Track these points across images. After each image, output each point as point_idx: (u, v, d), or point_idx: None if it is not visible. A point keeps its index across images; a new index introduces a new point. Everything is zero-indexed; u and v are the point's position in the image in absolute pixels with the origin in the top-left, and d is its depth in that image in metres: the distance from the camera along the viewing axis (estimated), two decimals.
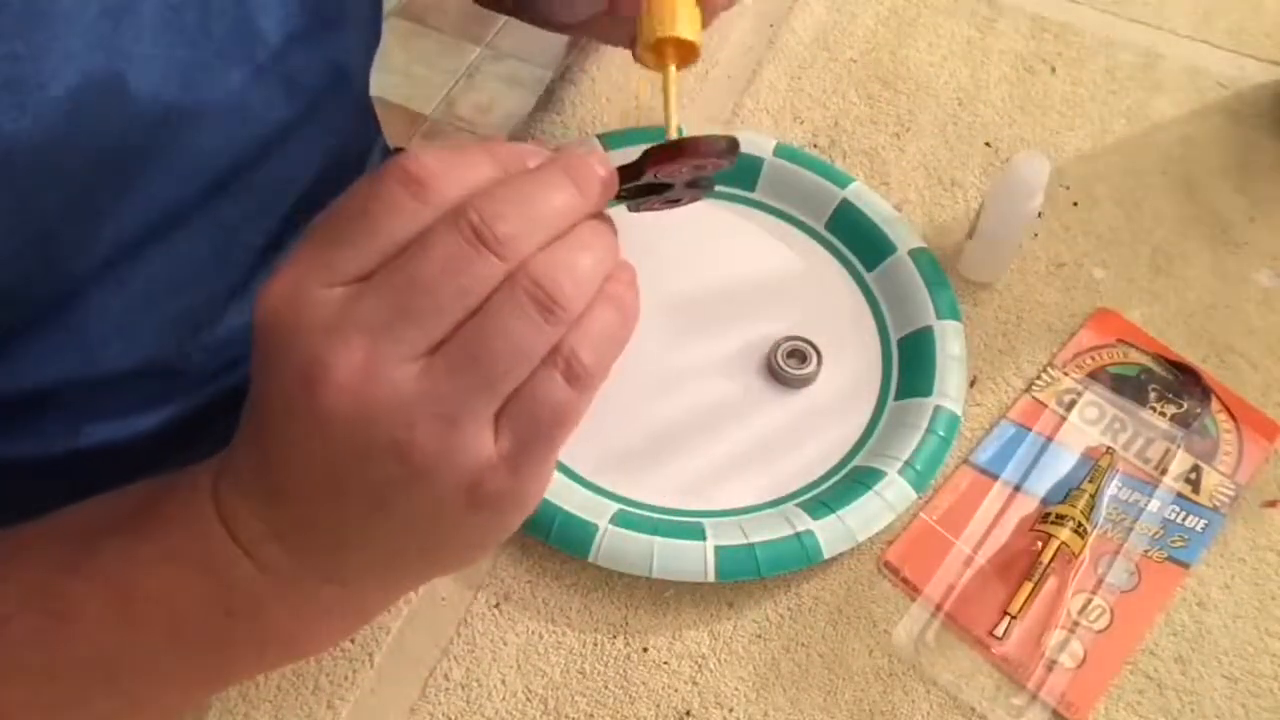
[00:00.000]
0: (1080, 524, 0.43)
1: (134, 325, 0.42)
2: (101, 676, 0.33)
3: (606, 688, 0.40)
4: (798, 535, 0.41)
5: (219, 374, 0.48)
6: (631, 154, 0.52)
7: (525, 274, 0.27)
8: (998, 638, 0.41)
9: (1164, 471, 0.45)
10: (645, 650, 0.41)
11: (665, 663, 0.41)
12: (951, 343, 0.47)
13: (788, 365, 0.47)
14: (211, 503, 0.31)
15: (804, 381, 0.47)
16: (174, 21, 0.36)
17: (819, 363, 0.47)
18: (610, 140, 0.52)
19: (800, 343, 0.47)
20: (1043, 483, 0.44)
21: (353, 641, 0.41)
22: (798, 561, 0.41)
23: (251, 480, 0.31)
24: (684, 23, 0.39)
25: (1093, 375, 0.47)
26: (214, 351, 0.47)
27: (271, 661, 0.37)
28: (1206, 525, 0.44)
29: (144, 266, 0.40)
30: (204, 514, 0.31)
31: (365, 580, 0.33)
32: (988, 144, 0.55)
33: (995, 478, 0.45)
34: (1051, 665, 0.40)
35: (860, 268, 0.50)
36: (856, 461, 0.45)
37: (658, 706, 0.40)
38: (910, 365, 0.47)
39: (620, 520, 0.41)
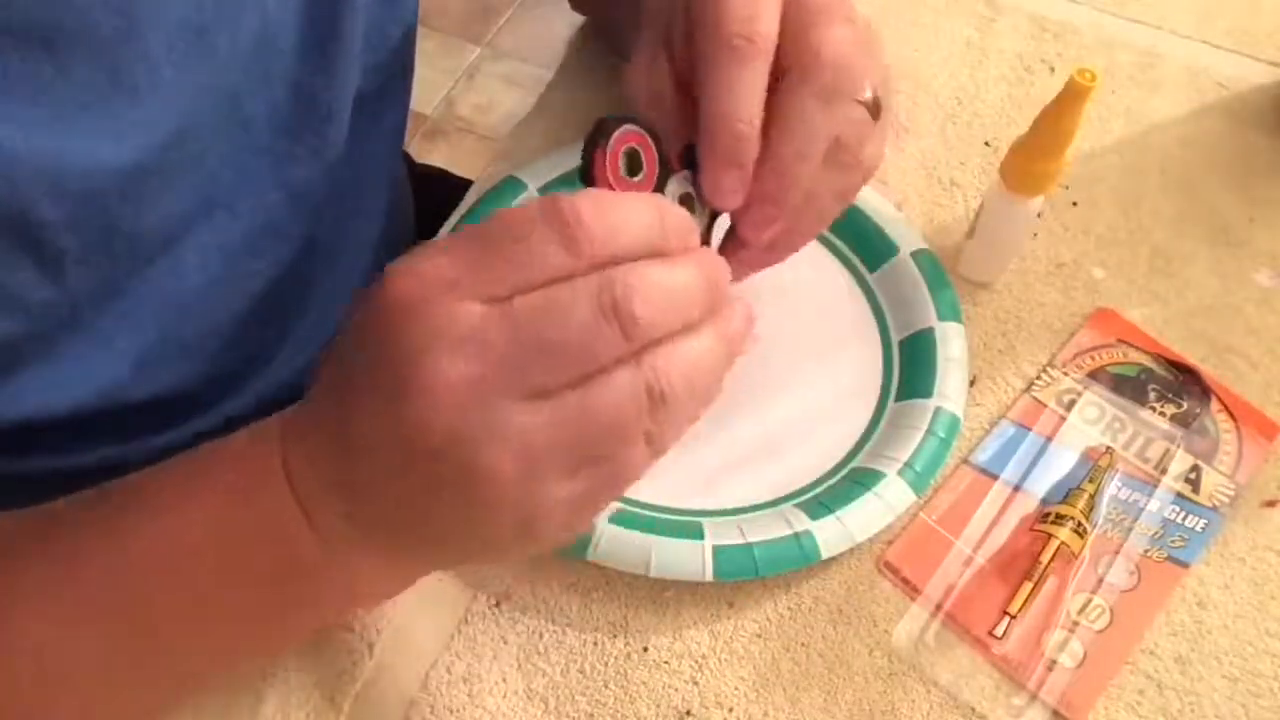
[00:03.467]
0: (1080, 524, 0.43)
1: (142, 355, 0.42)
2: (164, 631, 0.34)
3: (606, 687, 0.40)
4: (796, 536, 0.41)
5: (226, 399, 0.48)
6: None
7: (649, 365, 0.29)
8: (997, 638, 0.41)
9: (1164, 471, 0.45)
10: (645, 650, 0.41)
11: (665, 662, 0.41)
12: (952, 344, 0.47)
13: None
14: (279, 459, 0.32)
15: None
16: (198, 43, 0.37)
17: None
18: None
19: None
20: (1042, 483, 0.44)
21: (352, 632, 0.41)
22: (795, 562, 0.41)
23: (322, 442, 0.31)
24: None
25: (1092, 375, 0.47)
26: (222, 379, 0.47)
27: (319, 619, 0.38)
28: (1206, 525, 0.44)
29: (149, 293, 0.40)
30: (269, 471, 0.32)
31: (409, 556, 0.34)
32: (987, 144, 0.55)
33: (995, 477, 0.45)
34: (1051, 665, 0.40)
35: (862, 269, 0.50)
36: (856, 462, 0.45)
37: (658, 706, 0.40)
38: (911, 366, 0.47)
39: (619, 519, 0.41)
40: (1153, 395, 0.47)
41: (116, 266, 0.38)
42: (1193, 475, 0.45)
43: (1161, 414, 0.46)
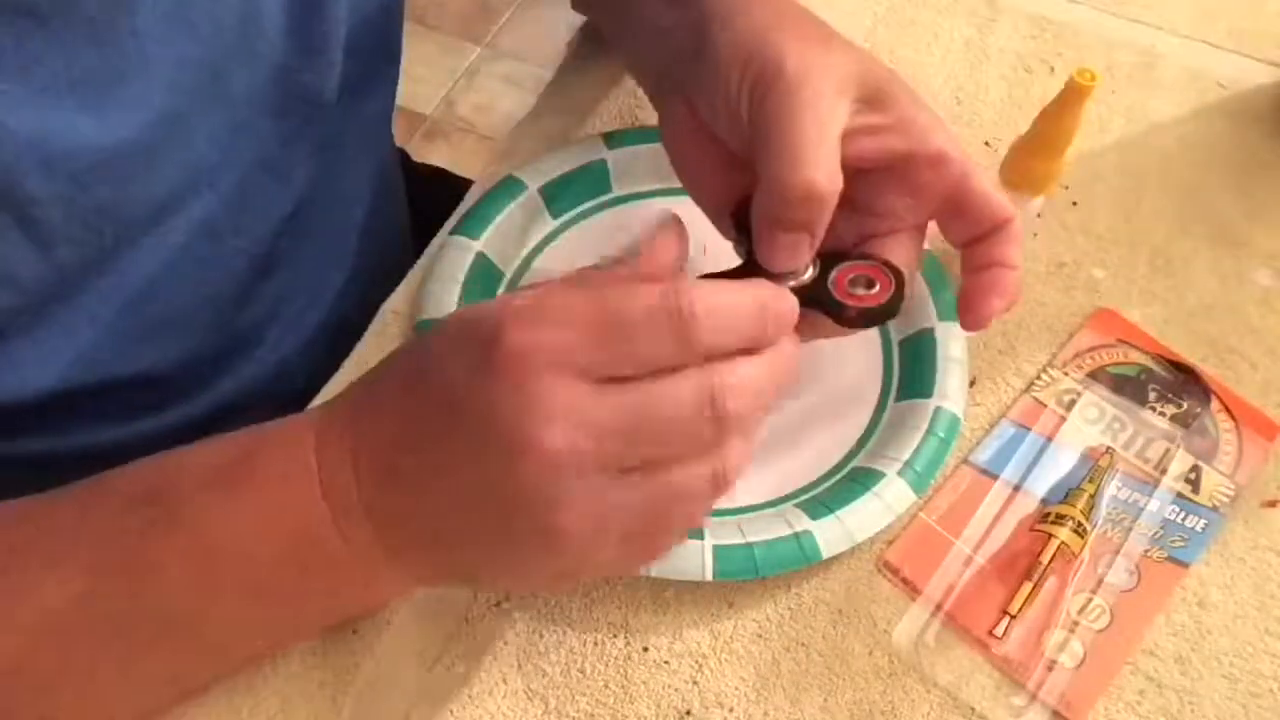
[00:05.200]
0: (1080, 524, 0.43)
1: (129, 330, 0.42)
2: (180, 631, 0.34)
3: (607, 687, 0.40)
4: (796, 535, 0.41)
5: (214, 382, 0.48)
6: (632, 153, 0.52)
7: (725, 453, 0.31)
8: (997, 638, 0.41)
9: (1164, 471, 0.45)
10: (645, 650, 0.41)
11: (665, 662, 0.41)
12: (953, 344, 0.46)
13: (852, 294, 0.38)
14: (315, 461, 0.33)
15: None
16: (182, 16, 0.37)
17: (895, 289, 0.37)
18: (611, 140, 0.52)
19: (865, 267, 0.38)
20: (1042, 482, 0.44)
21: (354, 633, 0.41)
22: (795, 562, 0.41)
23: (373, 466, 0.32)
24: None
25: (1093, 375, 0.47)
26: (209, 359, 0.47)
27: (337, 617, 0.39)
28: (1206, 525, 0.44)
29: (136, 267, 0.40)
30: (303, 472, 0.33)
31: (440, 576, 0.35)
32: (987, 143, 0.55)
33: (995, 477, 0.45)
34: (1051, 665, 0.40)
35: None
36: (856, 462, 0.45)
37: (658, 706, 0.40)
38: (911, 366, 0.47)
39: None
40: (1153, 395, 0.47)
41: (104, 242, 0.38)
42: (1193, 475, 0.45)
43: (1161, 414, 0.46)
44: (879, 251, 0.39)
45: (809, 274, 0.38)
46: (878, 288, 0.37)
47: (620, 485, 0.30)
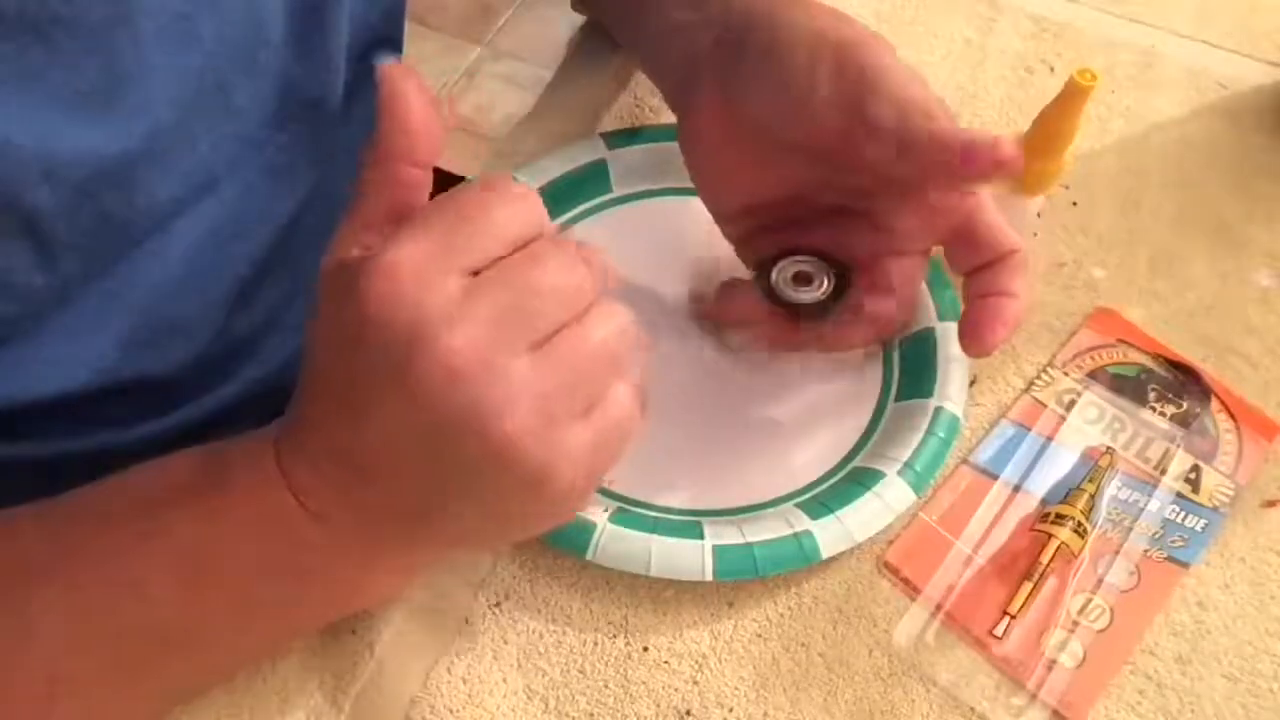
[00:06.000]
0: (1080, 524, 0.43)
1: (132, 336, 0.42)
2: (175, 641, 0.34)
3: (606, 687, 0.40)
4: (796, 535, 0.41)
5: (216, 386, 0.48)
6: (632, 153, 0.52)
7: (611, 298, 0.31)
8: (997, 638, 0.41)
9: (1164, 471, 0.45)
10: (645, 650, 0.41)
11: (665, 662, 0.41)
12: (953, 344, 0.46)
13: (791, 289, 0.43)
14: (279, 475, 0.32)
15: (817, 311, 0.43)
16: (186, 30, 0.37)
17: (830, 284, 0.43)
18: (612, 140, 0.52)
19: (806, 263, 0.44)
20: (1042, 483, 0.44)
21: (353, 633, 0.41)
22: (795, 562, 0.41)
23: (326, 455, 0.32)
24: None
25: (1092, 375, 0.47)
26: (211, 363, 0.47)
27: (332, 616, 0.39)
28: (1206, 525, 0.44)
29: (139, 275, 0.40)
30: (272, 485, 0.32)
31: (430, 546, 0.35)
32: None
33: (995, 478, 0.45)
34: (1051, 665, 0.40)
35: None
36: (856, 462, 0.45)
37: (658, 706, 0.40)
38: (911, 366, 0.47)
39: (619, 519, 0.41)
40: (1153, 395, 0.47)
41: (108, 250, 0.38)
42: (1193, 475, 0.45)
43: (1161, 414, 0.46)
44: (893, 272, 0.43)
45: (821, 290, 0.43)
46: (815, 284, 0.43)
47: (536, 362, 0.29)
